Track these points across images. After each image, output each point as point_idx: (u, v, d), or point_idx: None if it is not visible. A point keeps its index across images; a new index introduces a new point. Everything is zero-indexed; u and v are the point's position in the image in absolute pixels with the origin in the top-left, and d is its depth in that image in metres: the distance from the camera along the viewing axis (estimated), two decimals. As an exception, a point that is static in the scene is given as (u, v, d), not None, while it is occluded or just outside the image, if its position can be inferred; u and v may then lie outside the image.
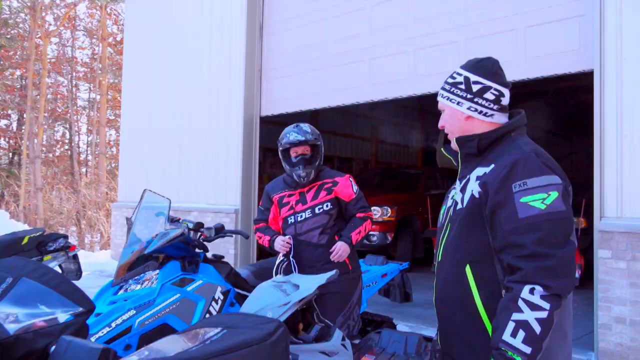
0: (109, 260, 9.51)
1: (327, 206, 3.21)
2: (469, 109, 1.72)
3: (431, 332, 3.96)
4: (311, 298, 1.71)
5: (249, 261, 7.32)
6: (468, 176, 1.70)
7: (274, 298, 1.67)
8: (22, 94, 20.53)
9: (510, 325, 1.45)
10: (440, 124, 1.83)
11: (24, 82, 21.10)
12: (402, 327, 4.25)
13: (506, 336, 1.46)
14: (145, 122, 9.12)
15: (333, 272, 1.96)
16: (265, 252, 6.79)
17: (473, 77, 1.71)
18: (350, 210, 3.27)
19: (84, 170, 22.89)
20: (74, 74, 22.75)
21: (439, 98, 1.81)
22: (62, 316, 1.23)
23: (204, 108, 8.04)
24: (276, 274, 3.18)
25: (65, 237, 5.57)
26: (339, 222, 3.29)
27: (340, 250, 3.10)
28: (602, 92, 4.37)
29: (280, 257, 3.24)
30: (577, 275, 7.46)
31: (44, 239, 5.22)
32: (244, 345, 1.00)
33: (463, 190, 1.69)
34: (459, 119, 1.76)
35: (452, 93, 1.75)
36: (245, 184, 7.47)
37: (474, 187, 1.64)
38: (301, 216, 3.23)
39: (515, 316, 1.45)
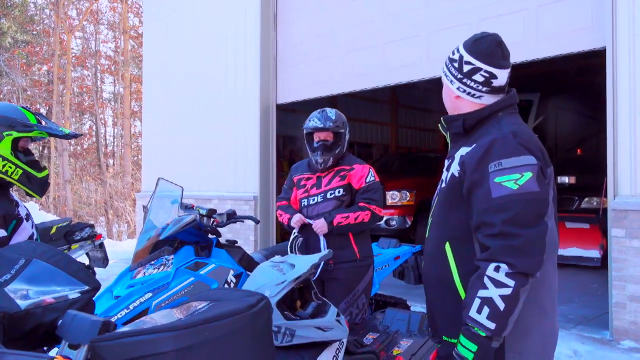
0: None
1: (338, 192, 3.21)
2: (458, 89, 1.72)
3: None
4: (306, 277, 1.79)
5: (268, 246, 7.46)
6: (454, 155, 1.71)
7: (271, 277, 1.76)
8: (49, 89, 21.04)
9: (476, 302, 1.49)
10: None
11: (50, 77, 21.61)
12: (416, 308, 4.31)
13: (472, 312, 1.49)
14: (166, 114, 9.29)
15: (326, 251, 2.04)
16: (284, 239, 6.91)
17: (466, 57, 1.69)
18: (356, 199, 3.22)
19: (110, 161, 23.40)
20: (98, 67, 23.18)
21: (441, 72, 1.82)
22: (70, 293, 1.33)
23: (221, 98, 8.16)
24: (291, 250, 3.23)
25: (92, 226, 5.75)
26: None
27: (317, 224, 3.13)
28: (614, 69, 4.32)
29: (294, 234, 3.28)
30: (599, 255, 7.27)
31: (70, 228, 5.40)
32: (226, 315, 1.10)
33: (448, 169, 1.72)
34: (450, 96, 1.77)
35: (448, 70, 1.75)
36: (263, 172, 7.59)
37: (455, 166, 1.67)
38: (313, 199, 3.27)
39: (481, 293, 1.48)
